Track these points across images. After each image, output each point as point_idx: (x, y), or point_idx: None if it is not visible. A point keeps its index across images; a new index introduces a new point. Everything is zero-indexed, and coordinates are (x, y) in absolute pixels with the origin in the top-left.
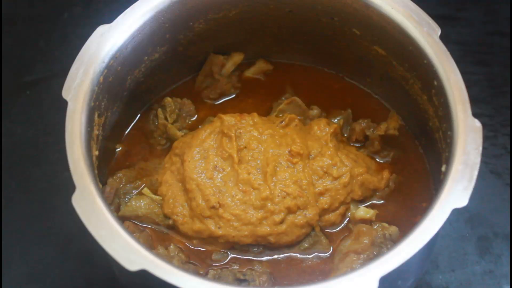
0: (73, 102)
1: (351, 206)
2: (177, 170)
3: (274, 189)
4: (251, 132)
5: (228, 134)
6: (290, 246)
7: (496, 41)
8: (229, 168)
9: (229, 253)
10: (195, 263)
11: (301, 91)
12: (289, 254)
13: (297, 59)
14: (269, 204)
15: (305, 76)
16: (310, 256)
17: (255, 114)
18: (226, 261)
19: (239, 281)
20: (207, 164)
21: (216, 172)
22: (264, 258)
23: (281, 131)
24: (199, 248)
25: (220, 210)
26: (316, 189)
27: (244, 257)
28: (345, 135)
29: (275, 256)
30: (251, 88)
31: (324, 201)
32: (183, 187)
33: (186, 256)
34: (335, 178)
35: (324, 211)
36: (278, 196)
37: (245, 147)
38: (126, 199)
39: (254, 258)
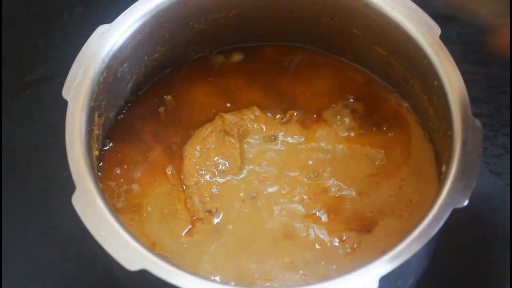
0: (73, 102)
1: None
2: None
3: None
4: (254, 127)
5: (230, 133)
6: None
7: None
8: (232, 170)
9: None
10: None
11: (300, 85)
12: None
13: (296, 56)
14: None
15: (305, 71)
16: None
17: (255, 107)
18: None
19: None
20: (208, 163)
21: (217, 172)
22: None
23: (282, 127)
24: None
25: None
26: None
27: None
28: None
29: None
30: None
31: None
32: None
33: None
34: None
35: None
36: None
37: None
38: None
39: None
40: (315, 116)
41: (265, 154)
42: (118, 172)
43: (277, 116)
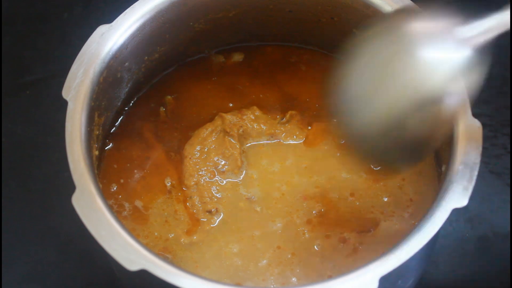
0: (73, 102)
1: None
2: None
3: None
4: (254, 127)
5: (230, 133)
6: None
7: (496, 41)
8: (232, 171)
9: None
10: None
11: (300, 85)
12: None
13: (296, 56)
14: None
15: (305, 71)
16: None
17: (255, 107)
18: None
19: None
20: (208, 163)
21: (217, 172)
22: None
23: (282, 128)
24: None
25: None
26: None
27: None
28: None
29: None
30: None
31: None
32: None
33: None
34: None
35: None
36: None
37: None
38: None
39: None
40: (315, 116)
41: (265, 154)
42: (115, 188)
43: (277, 117)
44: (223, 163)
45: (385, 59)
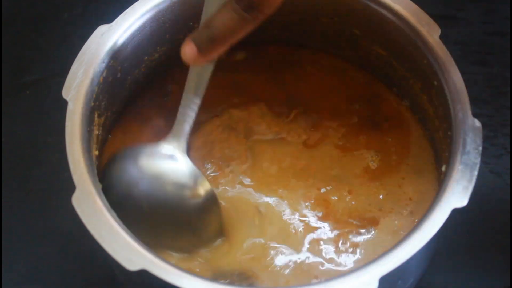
0: (73, 102)
1: None
2: None
3: None
4: (260, 124)
5: (237, 129)
6: None
7: (496, 41)
8: (236, 166)
9: None
10: None
11: (301, 85)
12: None
13: (297, 57)
14: None
15: (306, 71)
16: None
17: (262, 104)
18: None
19: None
20: (213, 157)
21: (222, 166)
22: None
23: (286, 126)
24: None
25: None
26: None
27: None
28: None
29: None
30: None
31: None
32: None
33: None
34: None
35: None
36: None
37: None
38: None
39: None
40: (316, 116)
41: (269, 152)
42: None
43: (282, 115)
44: (228, 157)
45: None
